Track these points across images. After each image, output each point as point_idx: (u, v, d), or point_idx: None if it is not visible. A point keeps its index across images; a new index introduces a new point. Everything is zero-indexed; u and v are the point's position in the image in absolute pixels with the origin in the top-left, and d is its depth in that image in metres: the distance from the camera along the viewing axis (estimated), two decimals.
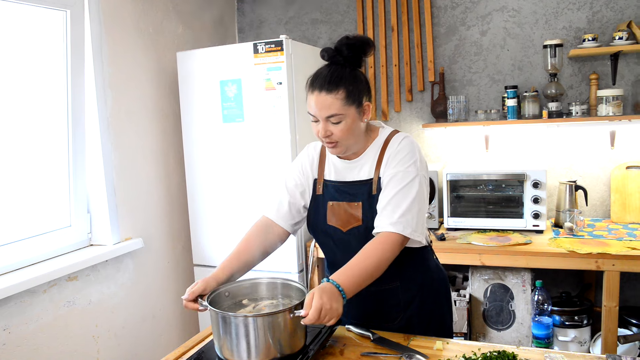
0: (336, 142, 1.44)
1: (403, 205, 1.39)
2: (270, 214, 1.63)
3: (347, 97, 1.39)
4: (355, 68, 1.44)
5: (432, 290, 1.59)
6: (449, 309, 1.66)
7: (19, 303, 2.01)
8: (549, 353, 1.31)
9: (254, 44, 2.58)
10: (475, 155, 3.06)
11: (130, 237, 2.58)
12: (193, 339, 1.55)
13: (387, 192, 1.43)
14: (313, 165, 1.61)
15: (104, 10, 2.42)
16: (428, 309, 1.57)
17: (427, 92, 3.14)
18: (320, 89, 1.39)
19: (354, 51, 1.41)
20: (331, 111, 1.39)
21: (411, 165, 1.44)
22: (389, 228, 1.38)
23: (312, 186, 1.60)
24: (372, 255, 1.35)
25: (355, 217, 1.49)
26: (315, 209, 1.58)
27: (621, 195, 2.74)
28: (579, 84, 2.85)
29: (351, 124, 1.42)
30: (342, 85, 1.39)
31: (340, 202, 1.52)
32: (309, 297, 1.24)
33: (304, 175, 1.61)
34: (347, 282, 1.30)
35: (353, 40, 1.41)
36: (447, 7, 3.05)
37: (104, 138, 2.43)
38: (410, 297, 1.56)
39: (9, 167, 2.11)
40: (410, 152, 1.46)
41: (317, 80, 1.40)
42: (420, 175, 1.44)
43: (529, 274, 2.53)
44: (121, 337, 2.52)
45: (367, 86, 1.47)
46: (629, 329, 2.52)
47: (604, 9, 2.76)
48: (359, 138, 1.49)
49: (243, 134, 2.67)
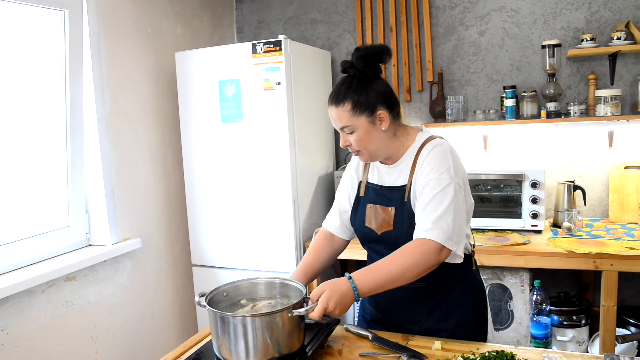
0: (358, 151, 1.50)
1: (437, 212, 1.36)
2: (328, 226, 1.70)
3: (354, 108, 1.42)
4: (370, 78, 1.45)
5: (461, 300, 1.54)
6: (479, 325, 1.60)
7: (17, 303, 2.00)
8: (547, 353, 1.32)
9: (252, 44, 2.58)
10: (474, 155, 3.06)
11: (129, 237, 2.58)
12: (192, 339, 1.55)
13: (421, 200, 1.40)
14: (359, 169, 1.65)
15: (102, 10, 2.42)
16: (455, 319, 1.53)
17: (426, 92, 3.14)
18: (330, 103, 1.47)
19: (366, 61, 1.43)
20: (342, 123, 1.45)
21: (444, 172, 1.41)
22: (422, 235, 1.36)
23: (357, 188, 1.63)
24: (399, 260, 1.34)
25: (387, 221, 1.50)
26: (356, 210, 1.62)
27: (619, 195, 2.75)
28: (577, 84, 2.85)
29: (365, 133, 1.45)
30: (348, 98, 1.43)
31: (377, 206, 1.54)
32: (317, 292, 1.28)
33: (351, 181, 1.66)
34: (364, 283, 1.31)
35: (363, 51, 1.43)
36: (446, 7, 3.05)
37: (103, 138, 2.43)
38: (436, 302, 1.53)
39: (7, 167, 2.11)
40: (443, 159, 1.43)
41: (330, 95, 1.48)
42: (455, 183, 1.40)
43: (527, 273, 2.53)
44: (119, 337, 2.52)
45: (383, 95, 1.46)
46: (627, 328, 2.52)
47: (602, 9, 2.76)
48: (383, 145, 1.49)
49: (242, 134, 2.67)
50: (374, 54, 1.43)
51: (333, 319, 1.49)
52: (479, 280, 1.63)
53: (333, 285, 1.29)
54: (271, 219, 2.67)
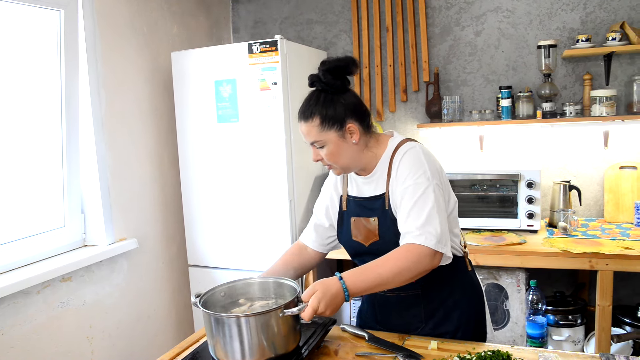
0: (330, 165, 1.48)
1: (421, 218, 1.34)
2: (302, 238, 1.71)
3: (323, 122, 1.41)
4: (338, 92, 1.43)
5: (459, 304, 1.54)
6: (478, 327, 1.59)
7: (12, 304, 2.00)
8: (543, 352, 1.32)
9: (248, 44, 2.58)
10: (470, 155, 3.07)
11: (125, 237, 2.57)
12: (188, 340, 1.55)
13: (403, 208, 1.39)
14: (337, 184, 1.64)
15: (98, 10, 2.41)
16: (454, 322, 1.53)
17: (422, 92, 3.14)
18: (299, 119, 1.46)
19: (333, 75, 1.41)
20: (311, 138, 1.44)
21: (420, 175, 1.39)
22: (411, 241, 1.34)
23: (339, 203, 1.62)
24: (390, 263, 1.32)
25: (373, 232, 1.49)
26: (341, 225, 1.61)
27: (614, 195, 2.76)
28: (573, 84, 2.86)
29: (335, 147, 1.43)
30: (315, 113, 1.41)
31: (360, 218, 1.53)
32: (308, 293, 1.28)
33: (330, 197, 1.65)
34: (355, 284, 1.30)
35: (329, 64, 1.41)
36: (442, 8, 3.05)
37: (98, 138, 2.42)
38: (433, 308, 1.53)
39: (2, 167, 2.10)
40: (417, 163, 1.41)
41: (299, 110, 1.46)
42: (433, 185, 1.39)
43: (523, 273, 2.54)
44: (115, 338, 2.51)
45: (352, 107, 1.44)
46: (622, 328, 2.53)
47: (598, 10, 2.77)
48: (355, 158, 1.47)
49: (238, 134, 2.67)
50: (341, 67, 1.41)
51: (329, 319, 1.49)
52: (476, 281, 1.62)
53: (324, 286, 1.28)
54: (267, 219, 2.67)
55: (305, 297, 1.29)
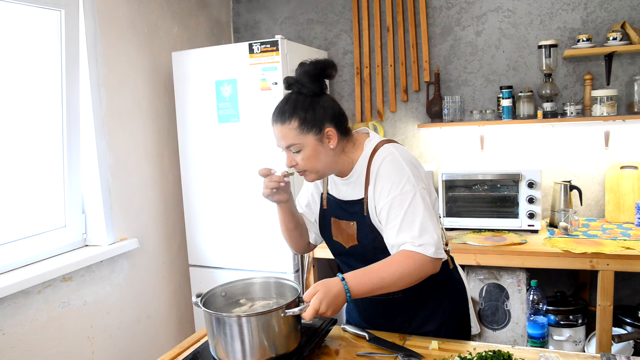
0: (304, 171, 1.44)
1: (414, 228, 1.32)
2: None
3: (301, 125, 1.37)
4: (316, 95, 1.40)
5: (440, 302, 1.54)
6: (461, 322, 1.60)
7: (13, 304, 2.00)
8: (544, 352, 1.32)
9: (249, 44, 2.58)
10: (471, 155, 3.06)
11: (126, 237, 2.57)
12: (188, 340, 1.55)
13: (393, 221, 1.36)
14: (318, 183, 1.62)
15: (99, 10, 2.41)
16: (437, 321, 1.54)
17: (423, 92, 3.14)
18: (275, 121, 1.40)
19: (311, 77, 1.38)
20: (288, 141, 1.39)
21: (405, 184, 1.36)
22: (411, 249, 1.33)
23: (320, 200, 1.61)
24: (394, 267, 1.31)
25: (352, 236, 1.49)
26: (323, 223, 1.60)
27: (615, 195, 2.75)
28: (574, 84, 2.86)
29: (312, 151, 1.40)
30: (295, 115, 1.37)
31: (341, 221, 1.52)
32: (310, 293, 1.27)
33: (310, 192, 1.64)
34: (357, 285, 1.29)
35: (307, 67, 1.38)
36: (442, 8, 3.05)
37: (99, 138, 2.42)
38: (415, 310, 1.54)
39: (3, 167, 2.10)
40: (398, 171, 1.38)
41: (274, 113, 1.41)
42: (418, 190, 1.36)
43: (524, 273, 2.54)
44: (116, 338, 2.51)
45: (331, 111, 1.41)
46: (623, 328, 2.53)
47: (598, 10, 2.77)
48: (330, 163, 1.44)
49: (238, 134, 2.67)
50: (319, 69, 1.38)
51: (330, 319, 1.49)
52: (458, 278, 1.62)
53: (326, 287, 1.27)
54: (268, 219, 2.67)
55: (307, 297, 1.28)
